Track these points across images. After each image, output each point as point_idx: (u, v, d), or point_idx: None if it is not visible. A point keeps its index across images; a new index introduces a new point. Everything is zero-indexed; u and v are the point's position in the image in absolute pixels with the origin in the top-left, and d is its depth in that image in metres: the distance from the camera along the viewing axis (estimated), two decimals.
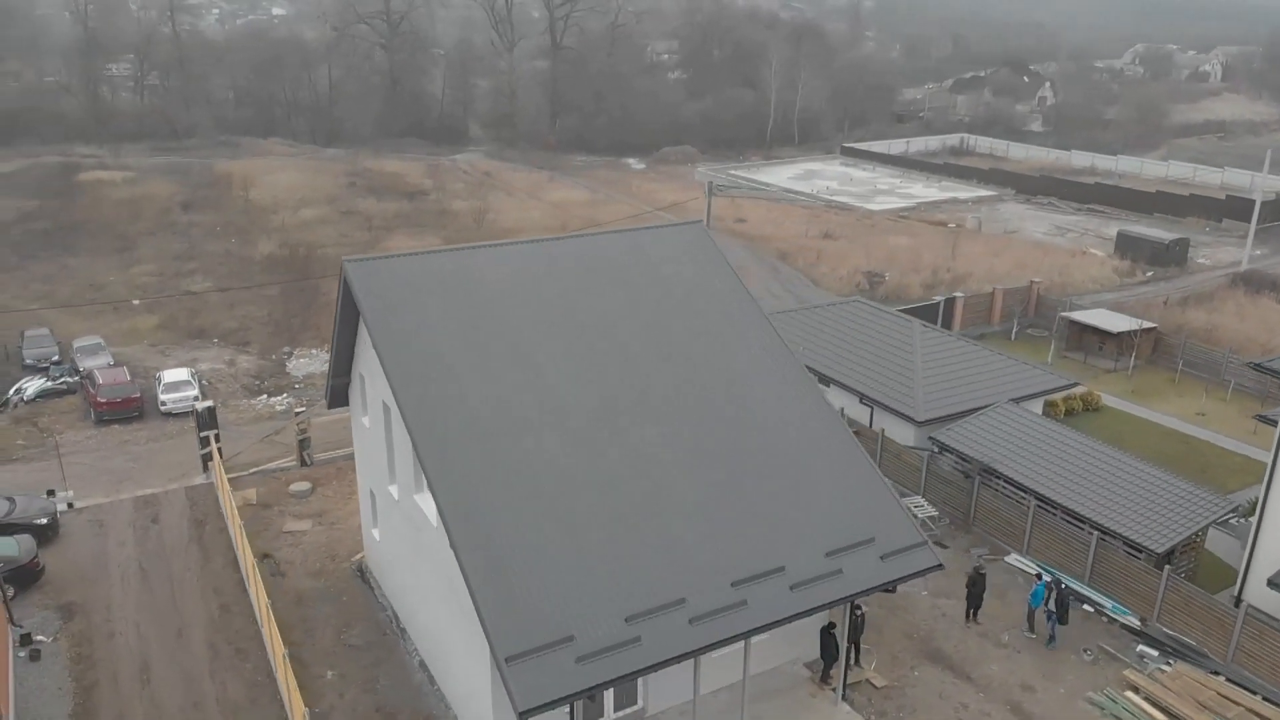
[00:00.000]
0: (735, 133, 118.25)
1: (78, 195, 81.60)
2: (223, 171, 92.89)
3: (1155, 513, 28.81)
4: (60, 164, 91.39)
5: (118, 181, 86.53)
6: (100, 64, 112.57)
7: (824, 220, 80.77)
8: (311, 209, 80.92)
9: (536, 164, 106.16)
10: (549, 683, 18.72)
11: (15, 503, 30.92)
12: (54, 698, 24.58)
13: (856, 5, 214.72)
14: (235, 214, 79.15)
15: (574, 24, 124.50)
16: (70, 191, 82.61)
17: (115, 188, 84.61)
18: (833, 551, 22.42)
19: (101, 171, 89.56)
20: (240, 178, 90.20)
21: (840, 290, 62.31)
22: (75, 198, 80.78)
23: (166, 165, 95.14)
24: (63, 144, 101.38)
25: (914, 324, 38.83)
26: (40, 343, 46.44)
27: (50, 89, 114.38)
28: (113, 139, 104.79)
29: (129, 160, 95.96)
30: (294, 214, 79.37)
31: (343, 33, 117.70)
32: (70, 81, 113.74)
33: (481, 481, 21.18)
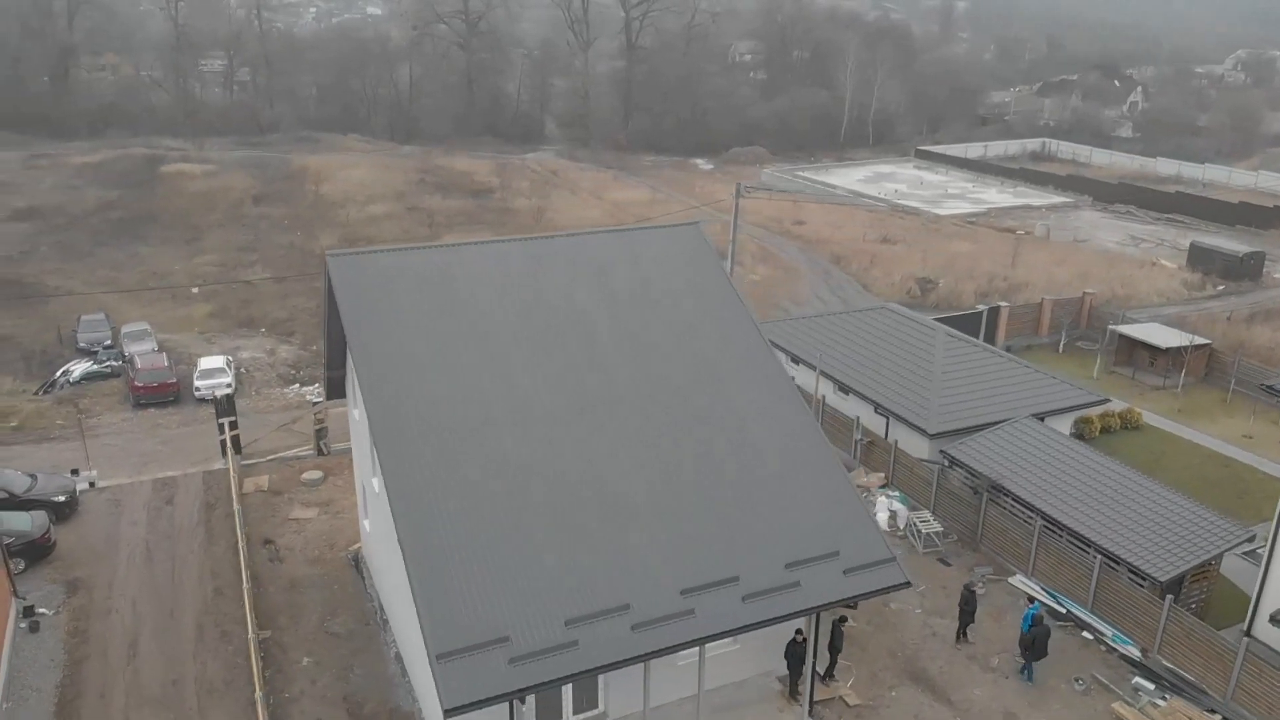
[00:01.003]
0: (808, 134, 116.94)
1: (158, 186, 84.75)
2: (298, 166, 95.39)
3: (1165, 539, 27.40)
4: (146, 156, 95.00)
5: (197, 174, 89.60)
6: (190, 60, 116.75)
7: (887, 224, 79.16)
8: (378, 204, 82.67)
9: (605, 163, 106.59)
10: (478, 682, 18.70)
11: (37, 479, 32.29)
12: (46, 669, 25.56)
13: (950, 6, 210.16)
14: (304, 208, 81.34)
15: (650, 24, 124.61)
16: (151, 183, 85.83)
17: (194, 180, 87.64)
18: (793, 563, 21.89)
19: (184, 164, 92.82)
20: (315, 173, 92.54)
21: (890, 296, 60.95)
22: (155, 189, 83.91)
23: (246, 159, 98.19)
24: (151, 137, 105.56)
25: (938, 333, 37.72)
26: (95, 327, 48.44)
27: (143, 83, 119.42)
28: (199, 133, 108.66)
29: (211, 154, 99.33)
30: (361, 209, 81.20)
31: (422, 32, 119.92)
32: (162, 76, 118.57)
33: (434, 477, 21.29)
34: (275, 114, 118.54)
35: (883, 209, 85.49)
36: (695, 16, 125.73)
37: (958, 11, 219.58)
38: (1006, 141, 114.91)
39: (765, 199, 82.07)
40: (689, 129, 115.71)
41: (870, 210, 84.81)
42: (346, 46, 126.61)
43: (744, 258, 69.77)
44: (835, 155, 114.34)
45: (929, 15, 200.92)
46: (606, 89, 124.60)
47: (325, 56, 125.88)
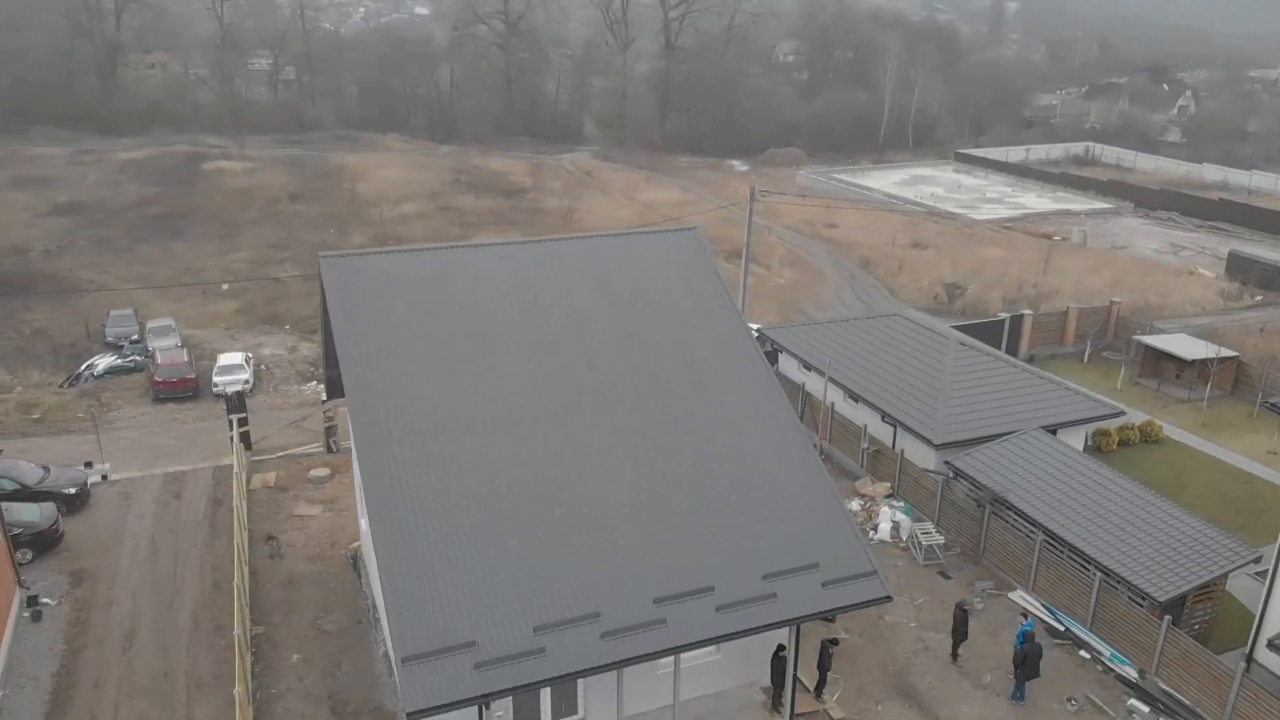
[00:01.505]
0: (846, 136, 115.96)
1: (197, 183, 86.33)
2: (336, 165, 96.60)
3: (1167, 559, 26.72)
4: (188, 153, 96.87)
5: (237, 171, 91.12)
6: (235, 59, 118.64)
7: (920, 229, 78.25)
8: (412, 204, 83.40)
9: (640, 164, 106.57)
10: (442, 686, 18.76)
11: (49, 471, 33.00)
12: (44, 658, 26.10)
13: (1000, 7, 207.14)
14: (339, 206, 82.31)
15: (689, 25, 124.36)
16: (192, 180, 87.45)
17: (233, 177, 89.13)
18: (771, 574, 21.68)
19: (224, 161, 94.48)
20: (352, 171, 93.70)
21: (916, 302, 60.38)
22: (195, 186, 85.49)
23: (286, 157, 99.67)
24: (196, 134, 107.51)
25: (950, 342, 37.15)
26: (123, 322, 49.43)
27: (190, 82, 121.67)
28: (243, 131, 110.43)
29: (252, 151, 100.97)
30: (394, 208, 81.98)
31: (463, 32, 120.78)
32: (208, 75, 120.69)
33: (412, 479, 21.40)
34: (317, 113, 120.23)
35: (918, 213, 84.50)
36: (735, 17, 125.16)
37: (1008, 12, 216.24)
38: (1049, 145, 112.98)
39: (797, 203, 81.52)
40: (725, 130, 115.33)
41: (904, 214, 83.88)
42: (389, 46, 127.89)
43: (771, 261, 69.51)
44: (873, 157, 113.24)
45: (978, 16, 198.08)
46: (644, 90, 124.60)
47: (367, 56, 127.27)
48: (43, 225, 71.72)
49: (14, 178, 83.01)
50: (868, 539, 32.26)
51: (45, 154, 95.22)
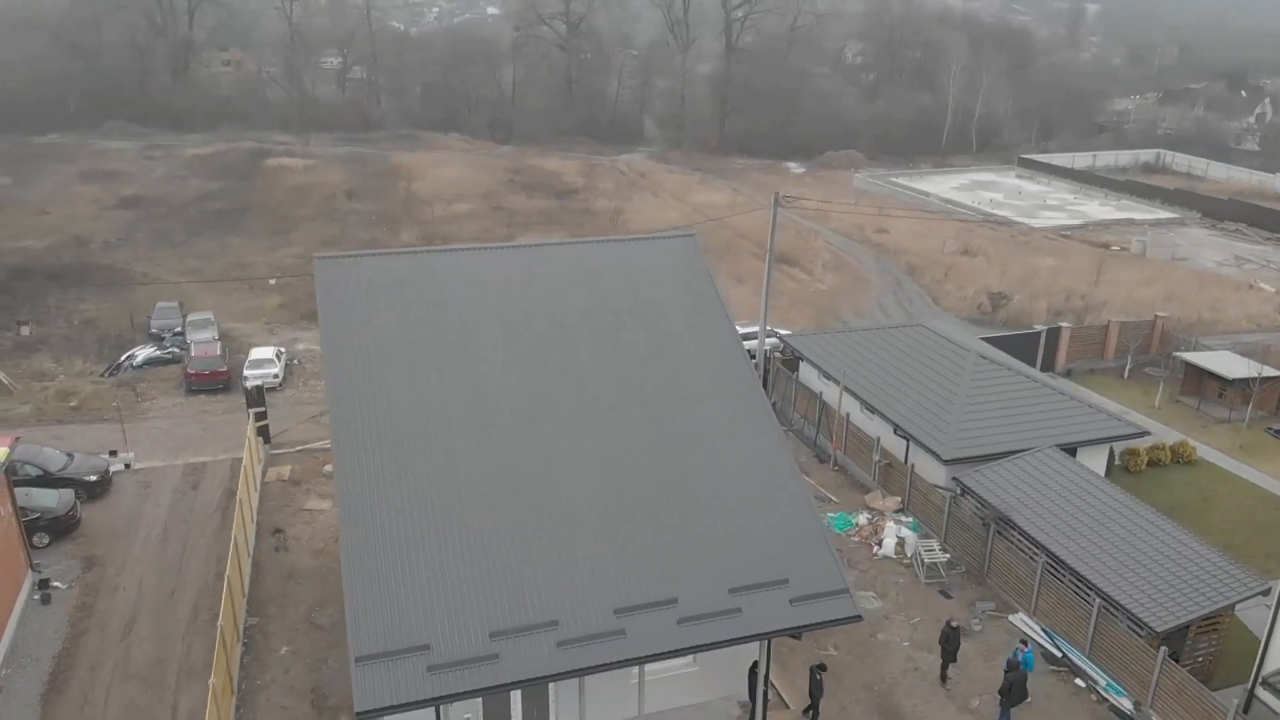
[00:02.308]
0: (908, 139, 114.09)
1: (258, 179, 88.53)
2: (395, 163, 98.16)
3: (1171, 587, 25.72)
4: (253, 150, 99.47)
5: (298, 168, 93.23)
6: (303, 57, 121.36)
7: (973, 235, 76.54)
8: (464, 203, 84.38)
9: (695, 166, 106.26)
10: (393, 687, 18.95)
11: (73, 459, 34.17)
12: (47, 640, 27.03)
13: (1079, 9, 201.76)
14: (393, 204, 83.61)
15: (751, 25, 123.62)
16: (253, 176, 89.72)
17: (294, 174, 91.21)
18: (737, 588, 21.43)
19: (287, 158, 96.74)
20: (409, 170, 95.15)
21: (959, 311, 59.18)
22: (255, 182, 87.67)
23: (347, 155, 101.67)
24: (263, 131, 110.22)
25: (969, 355, 36.26)
26: (167, 314, 50.94)
27: (261, 80, 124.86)
28: (309, 128, 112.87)
29: (315, 149, 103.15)
30: (447, 207, 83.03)
31: (525, 33, 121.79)
32: (280, 73, 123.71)
33: (383, 480, 21.67)
34: (381, 111, 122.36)
35: (973, 219, 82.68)
36: (799, 18, 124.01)
37: (1088, 15, 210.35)
38: (1118, 151, 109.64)
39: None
40: (783, 132, 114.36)
41: (960, 220, 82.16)
42: (454, 47, 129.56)
43: (814, 266, 68.76)
44: (934, 161, 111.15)
45: (1056, 18, 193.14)
46: (704, 91, 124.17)
47: (433, 56, 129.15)
48: (107, 218, 74.25)
49: (84, 171, 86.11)
50: (871, 554, 31.84)
51: (117, 148, 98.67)
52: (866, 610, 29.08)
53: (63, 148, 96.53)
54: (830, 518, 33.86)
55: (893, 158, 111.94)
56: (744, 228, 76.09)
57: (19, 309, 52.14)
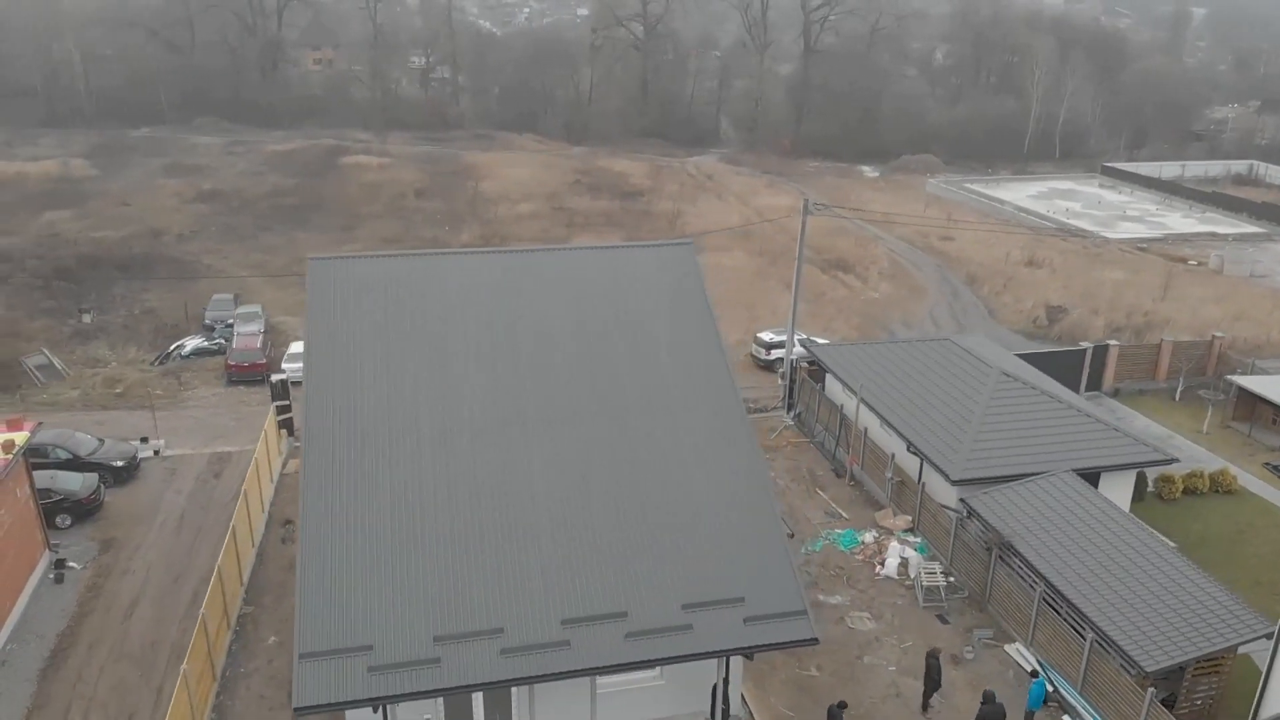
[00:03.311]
0: (989, 143, 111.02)
1: (333, 176, 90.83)
2: (468, 163, 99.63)
3: (1170, 625, 24.48)
4: (331, 147, 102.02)
5: (372, 166, 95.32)
6: (384, 56, 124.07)
7: (1043, 245, 74.01)
8: (529, 203, 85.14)
9: (766, 168, 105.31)
10: (333, 686, 19.25)
11: (103, 444, 35.62)
12: (55, 618, 28.27)
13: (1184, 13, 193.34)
14: (460, 203, 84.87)
15: (830, 27, 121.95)
16: (328, 172, 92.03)
17: (368, 171, 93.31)
18: (691, 605, 21.16)
19: (363, 156, 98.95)
20: (480, 169, 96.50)
21: (1015, 324, 57.40)
22: (330, 178, 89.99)
23: (422, 154, 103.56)
24: (344, 130, 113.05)
25: (991, 371, 35.08)
26: (221, 306, 52.68)
27: (347, 79, 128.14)
28: (390, 127, 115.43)
29: (392, 147, 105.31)
30: (511, 207, 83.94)
31: (601, 34, 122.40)
32: (362, 72, 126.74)
33: (347, 480, 22.05)
34: (461, 111, 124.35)
35: (1047, 229, 79.99)
36: (880, 19, 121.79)
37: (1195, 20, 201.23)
38: (1209, 162, 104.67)
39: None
40: (859, 134, 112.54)
41: (1032, 229, 79.56)
42: (533, 48, 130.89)
43: (869, 273, 67.46)
44: (1015, 168, 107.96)
45: (1160, 23, 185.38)
46: (780, 92, 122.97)
47: (513, 57, 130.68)
48: (184, 210, 77.08)
49: (169, 165, 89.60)
50: (873, 573, 31.11)
51: (204, 143, 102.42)
52: (857, 631, 28.58)
53: (153, 142, 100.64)
54: (837, 534, 33.24)
55: (971, 163, 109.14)
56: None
57: (85, 296, 54.54)
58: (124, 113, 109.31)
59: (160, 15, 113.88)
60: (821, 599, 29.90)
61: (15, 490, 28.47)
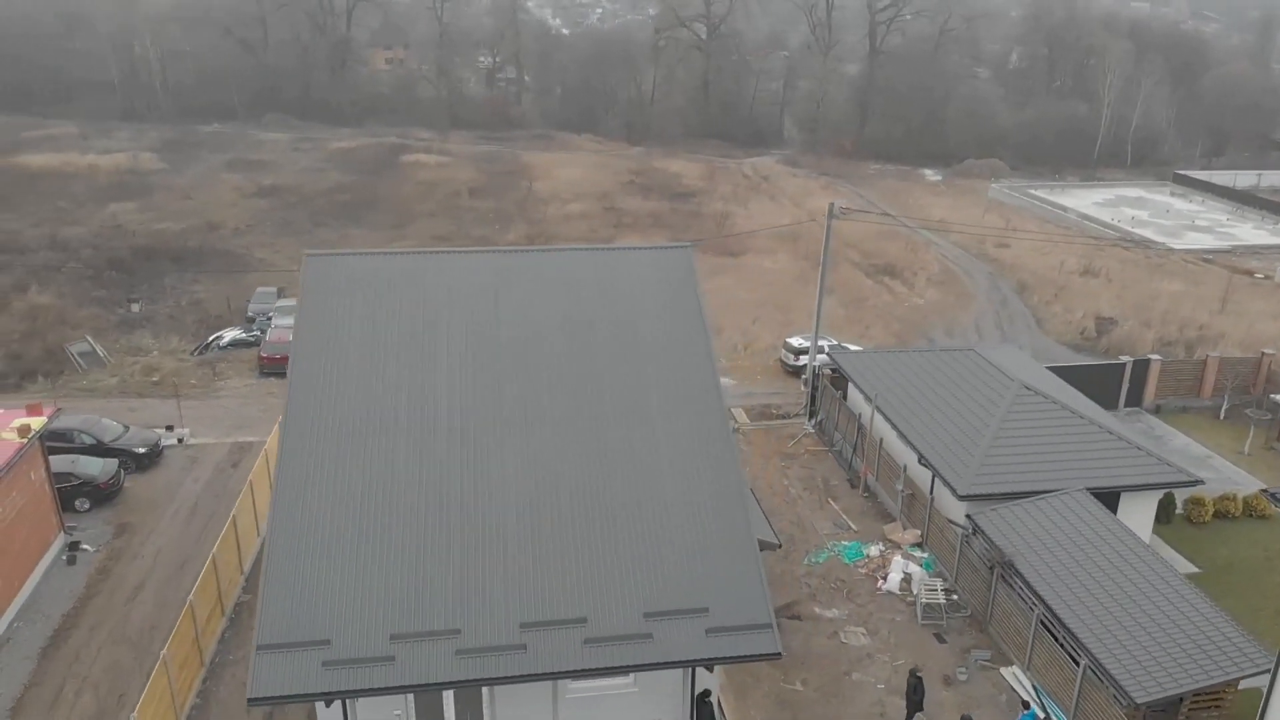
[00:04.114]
0: (1058, 148, 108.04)
1: (391, 174, 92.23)
2: (525, 163, 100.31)
3: (1167, 656, 23.41)
4: (393, 145, 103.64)
5: (431, 164, 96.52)
6: (449, 56, 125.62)
7: (1102, 254, 71.73)
8: (579, 204, 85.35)
9: (826, 170, 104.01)
10: (288, 679, 19.44)
11: (127, 430, 36.64)
12: (62, 599, 29.13)
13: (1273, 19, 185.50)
14: (511, 202, 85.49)
15: (897, 28, 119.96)
16: (387, 170, 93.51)
17: (426, 170, 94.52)
18: (653, 614, 20.87)
19: (423, 154, 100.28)
20: (536, 169, 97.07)
21: (1062, 335, 55.74)
22: (388, 176, 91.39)
23: (481, 154, 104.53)
24: (408, 128, 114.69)
25: (1011, 384, 34.00)
26: (264, 299, 53.85)
27: (415, 78, 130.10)
28: (452, 126, 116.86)
29: (452, 146, 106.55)
30: (561, 207, 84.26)
31: (663, 35, 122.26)
32: (434, 72, 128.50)
33: (319, 475, 22.24)
34: (522, 110, 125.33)
35: (1109, 237, 77.49)
36: (949, 20, 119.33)
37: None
38: None
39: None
40: (923, 137, 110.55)
41: (1093, 237, 77.15)
42: (596, 48, 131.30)
43: (917, 279, 66.14)
44: (1084, 174, 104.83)
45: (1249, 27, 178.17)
46: (844, 93, 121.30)
47: (578, 57, 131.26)
48: (244, 205, 79.10)
49: (233, 160, 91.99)
50: (875, 588, 30.39)
51: (271, 139, 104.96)
52: (850, 646, 27.95)
53: (222, 137, 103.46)
54: (842, 546, 32.58)
55: (1039, 168, 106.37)
56: (853, 236, 74.12)
57: (137, 287, 56.32)
58: (197, 109, 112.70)
59: (235, 14, 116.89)
60: (818, 612, 29.35)
61: (29, 473, 29.40)
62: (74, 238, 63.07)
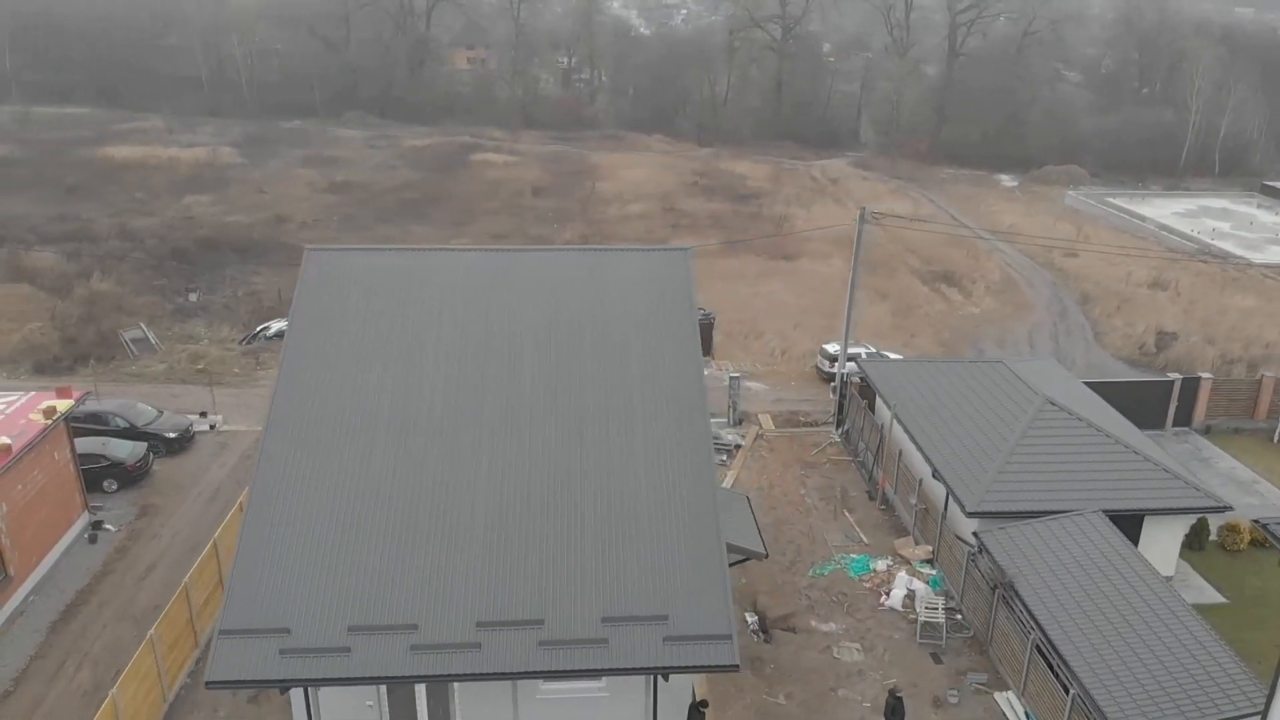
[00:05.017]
0: (1142, 156, 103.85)
1: (459, 172, 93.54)
2: (592, 163, 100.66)
3: (1161, 690, 22.25)
4: (464, 144, 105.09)
5: (498, 163, 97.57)
6: (525, 56, 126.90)
7: (1174, 267, 68.67)
8: (640, 204, 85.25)
9: (897, 174, 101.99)
10: (246, 665, 19.83)
11: (161, 415, 37.90)
12: (79, 576, 30.28)
13: None
14: (573, 202, 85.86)
15: (978, 30, 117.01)
16: (456, 169, 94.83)
17: (493, 169, 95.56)
18: (611, 619, 20.69)
19: (493, 154, 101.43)
20: (602, 169, 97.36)
21: (1120, 349, 53.64)
22: (455, 174, 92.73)
23: (549, 153, 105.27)
24: (481, 127, 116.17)
25: (1035, 399, 32.79)
26: None
27: (494, 77, 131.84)
28: (525, 125, 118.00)
29: (521, 146, 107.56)
30: (622, 207, 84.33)
31: (738, 36, 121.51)
32: (507, 71, 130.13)
33: (296, 468, 22.64)
34: (595, 111, 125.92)
35: (1186, 248, 74.22)
36: (1033, 23, 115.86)
37: None
38: None
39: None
40: (1001, 141, 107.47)
41: (1170, 249, 73.95)
42: (670, 49, 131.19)
43: (975, 288, 64.36)
44: (1168, 183, 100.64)
45: None
46: (922, 96, 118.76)
47: (654, 58, 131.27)
48: (313, 200, 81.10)
49: (308, 156, 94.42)
50: (878, 603, 29.65)
51: (349, 136, 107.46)
52: (841, 662, 27.33)
53: (300, 133, 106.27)
54: (850, 559, 31.87)
55: (1121, 176, 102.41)
56: (914, 242, 72.66)
57: (197, 277, 58.22)
58: (281, 105, 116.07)
59: (319, 13, 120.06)
60: (814, 625, 28.76)
61: (53, 453, 30.62)
62: (142, 228, 65.51)
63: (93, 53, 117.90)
